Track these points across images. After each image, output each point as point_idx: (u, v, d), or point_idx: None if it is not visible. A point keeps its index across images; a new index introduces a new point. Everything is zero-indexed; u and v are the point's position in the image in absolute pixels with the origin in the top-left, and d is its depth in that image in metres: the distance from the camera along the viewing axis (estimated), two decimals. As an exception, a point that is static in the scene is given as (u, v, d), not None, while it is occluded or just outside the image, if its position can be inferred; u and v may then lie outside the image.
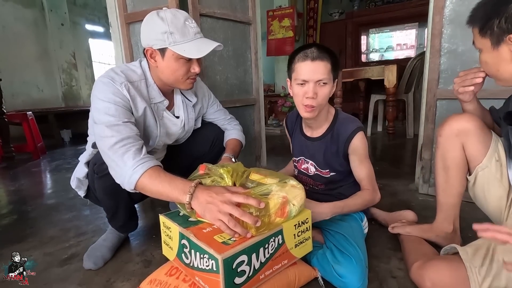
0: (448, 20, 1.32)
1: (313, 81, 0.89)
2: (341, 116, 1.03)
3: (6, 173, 2.52)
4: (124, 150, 0.81)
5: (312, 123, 1.03)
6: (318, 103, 0.91)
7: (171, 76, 0.97)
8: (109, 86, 0.89)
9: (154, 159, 0.84)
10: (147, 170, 0.79)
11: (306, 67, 0.89)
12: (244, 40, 1.79)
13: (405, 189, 1.59)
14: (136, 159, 0.80)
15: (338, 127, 1.00)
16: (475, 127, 0.84)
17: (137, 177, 0.78)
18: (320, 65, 0.89)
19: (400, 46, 4.33)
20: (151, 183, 0.79)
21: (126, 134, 0.84)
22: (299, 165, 1.11)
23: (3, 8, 4.18)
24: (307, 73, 0.89)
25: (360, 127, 0.98)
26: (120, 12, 1.60)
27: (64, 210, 1.56)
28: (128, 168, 0.79)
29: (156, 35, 0.90)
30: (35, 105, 4.49)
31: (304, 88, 0.91)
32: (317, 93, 0.90)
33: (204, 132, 1.26)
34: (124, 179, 0.80)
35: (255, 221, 0.66)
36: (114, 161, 0.82)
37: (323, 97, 0.92)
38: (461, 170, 0.90)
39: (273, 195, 0.74)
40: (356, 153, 0.98)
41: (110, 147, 0.82)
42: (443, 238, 0.98)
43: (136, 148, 0.83)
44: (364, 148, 0.99)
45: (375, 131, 3.42)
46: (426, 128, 1.44)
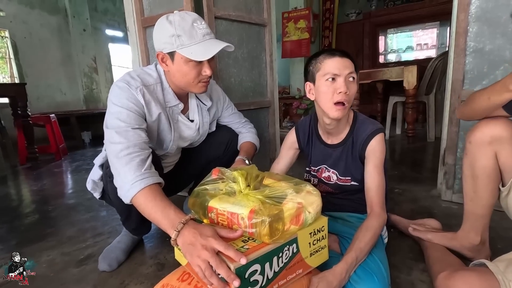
0: (474, 18, 1.25)
1: (344, 74, 0.86)
2: (360, 118, 0.98)
3: (30, 173, 2.62)
4: (128, 159, 0.80)
5: (333, 129, 0.97)
6: (349, 100, 0.88)
7: (182, 79, 0.96)
8: (124, 90, 0.90)
9: (155, 175, 0.82)
10: (144, 188, 0.77)
11: (336, 62, 0.86)
12: (259, 42, 1.78)
13: (427, 195, 1.52)
14: (136, 173, 0.79)
15: (358, 130, 0.96)
16: (511, 134, 0.77)
17: (133, 194, 0.77)
18: (347, 61, 0.87)
19: (421, 46, 4.18)
20: (145, 204, 0.77)
21: (133, 141, 0.84)
22: (319, 174, 1.06)
23: (30, 15, 4.40)
24: (338, 67, 0.85)
25: (380, 129, 0.93)
26: (137, 17, 1.63)
27: (82, 210, 1.60)
28: (127, 181, 0.78)
29: (165, 39, 0.90)
30: (58, 107, 4.69)
31: (334, 84, 0.86)
32: (348, 88, 0.86)
33: (218, 135, 1.25)
34: (121, 191, 0.80)
35: (227, 277, 0.59)
36: (116, 169, 0.82)
37: (353, 93, 0.88)
38: (493, 180, 0.83)
39: (287, 201, 0.72)
40: (372, 156, 0.92)
41: (116, 154, 0.82)
42: (469, 249, 0.92)
43: (140, 159, 0.82)
44: (381, 152, 0.92)
45: (393, 133, 3.31)
46: (450, 132, 1.37)
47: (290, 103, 4.10)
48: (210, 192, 0.79)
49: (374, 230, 0.83)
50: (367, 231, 0.82)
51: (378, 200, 0.88)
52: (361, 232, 0.82)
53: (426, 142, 2.81)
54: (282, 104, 4.16)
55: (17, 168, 2.79)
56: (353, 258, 0.76)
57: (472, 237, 0.91)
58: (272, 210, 0.69)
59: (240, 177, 0.79)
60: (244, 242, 0.68)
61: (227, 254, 0.61)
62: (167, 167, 1.23)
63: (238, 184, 0.78)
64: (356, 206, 1.03)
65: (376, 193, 0.89)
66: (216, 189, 0.81)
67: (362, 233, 0.82)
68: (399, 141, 3.06)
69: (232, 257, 0.61)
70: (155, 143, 1.06)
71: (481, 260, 0.72)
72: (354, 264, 0.77)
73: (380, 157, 0.92)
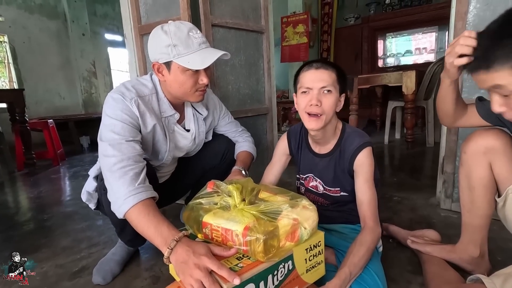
0: (471, 26, 1.24)
1: (317, 88, 0.87)
2: (348, 130, 0.97)
3: (27, 179, 2.61)
4: (121, 173, 0.79)
5: (319, 139, 0.97)
6: (323, 111, 0.87)
7: (179, 89, 0.95)
8: (118, 102, 0.89)
9: (149, 189, 0.81)
10: (137, 203, 0.76)
11: (309, 75, 0.88)
12: (256, 49, 1.78)
13: (426, 203, 1.51)
14: (129, 187, 0.77)
15: (345, 142, 0.95)
16: (504, 145, 0.77)
17: (126, 209, 0.76)
18: (323, 73, 0.87)
19: (419, 50, 4.19)
20: (138, 219, 0.75)
21: (127, 154, 0.82)
22: (306, 183, 1.05)
23: (29, 20, 4.40)
24: (311, 80, 0.87)
25: (368, 142, 0.91)
26: (134, 24, 1.63)
27: (78, 219, 1.58)
28: (120, 196, 0.77)
29: (160, 49, 0.90)
30: (57, 112, 4.68)
31: (308, 96, 0.88)
32: (321, 100, 0.87)
33: (215, 144, 1.24)
34: (114, 206, 0.79)
35: None
36: (110, 184, 0.81)
37: (328, 106, 0.87)
38: (489, 191, 0.82)
39: (283, 216, 0.71)
40: (361, 171, 0.91)
41: (109, 168, 0.80)
42: (468, 262, 0.91)
43: (134, 172, 0.81)
44: (370, 165, 0.90)
45: (393, 138, 3.30)
46: (448, 140, 1.36)
47: (289, 108, 4.10)
48: (204, 207, 0.78)
49: (368, 245, 0.82)
50: (361, 245, 0.81)
51: (371, 214, 0.87)
52: (355, 246, 0.81)
53: (425, 147, 2.80)
54: (281, 108, 4.15)
55: (14, 174, 2.77)
56: (347, 273, 0.75)
57: (471, 250, 0.90)
58: (267, 226, 0.67)
59: (235, 191, 0.78)
60: (238, 259, 0.67)
61: (220, 274, 0.60)
62: (163, 176, 1.22)
63: (233, 199, 0.77)
64: (348, 217, 1.02)
65: (368, 207, 0.88)
66: (210, 203, 0.80)
67: (356, 248, 0.81)
68: (398, 146, 3.05)
69: (225, 277, 0.60)
70: (150, 154, 1.04)
71: (477, 275, 0.71)
72: (348, 280, 0.76)
73: (369, 170, 0.90)
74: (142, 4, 1.60)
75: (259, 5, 1.76)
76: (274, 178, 1.09)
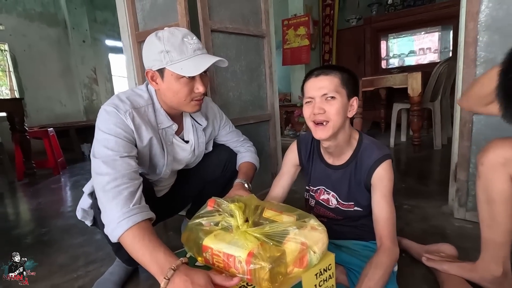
0: (484, 27, 1.18)
1: (318, 96, 0.83)
2: (366, 141, 0.91)
3: (27, 190, 2.57)
4: (115, 192, 0.74)
5: (332, 150, 0.91)
6: (328, 118, 0.82)
7: (173, 98, 0.90)
8: (111, 115, 0.84)
9: (144, 210, 0.76)
10: (131, 227, 0.70)
11: (310, 84, 0.85)
12: (257, 54, 1.72)
13: (438, 212, 1.44)
14: (123, 209, 0.72)
15: (362, 154, 0.89)
16: None
17: (119, 233, 0.70)
18: (324, 80, 0.83)
19: (423, 51, 4.11)
20: (132, 245, 0.70)
21: (121, 171, 0.77)
22: (317, 195, 0.99)
23: (29, 28, 4.39)
24: (312, 89, 0.85)
25: (387, 155, 0.86)
26: (131, 31, 1.59)
27: (76, 233, 1.53)
28: (113, 219, 0.71)
29: (154, 56, 0.85)
30: (58, 119, 4.66)
31: (311, 105, 0.85)
32: (324, 108, 0.82)
33: (215, 155, 1.18)
34: (107, 229, 0.73)
35: None
36: (102, 204, 0.75)
37: (334, 112, 0.82)
38: (510, 205, 0.76)
39: (289, 239, 0.65)
40: (380, 185, 0.85)
41: (102, 187, 0.75)
42: (490, 281, 0.84)
43: (129, 191, 0.75)
44: (389, 180, 0.85)
45: (398, 141, 3.22)
46: (461, 146, 1.29)
47: (291, 111, 4.05)
48: (204, 228, 0.73)
49: (385, 268, 0.75)
50: (376, 268, 0.75)
51: (388, 233, 0.81)
52: (371, 269, 0.75)
53: (433, 150, 2.72)
54: (284, 112, 4.10)
55: (14, 185, 2.74)
56: None
57: (493, 268, 0.83)
58: (273, 252, 0.62)
59: (238, 210, 0.72)
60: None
61: None
62: (162, 190, 1.17)
63: (235, 219, 0.71)
64: (360, 233, 0.96)
65: (385, 226, 0.82)
66: (211, 224, 0.75)
67: (371, 270, 0.74)
68: (404, 149, 2.98)
69: None
70: (148, 168, 0.99)
71: None
72: None
73: (388, 185, 0.85)
74: (139, 10, 1.56)
75: (259, 9, 1.71)
76: (282, 191, 1.03)
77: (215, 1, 1.45)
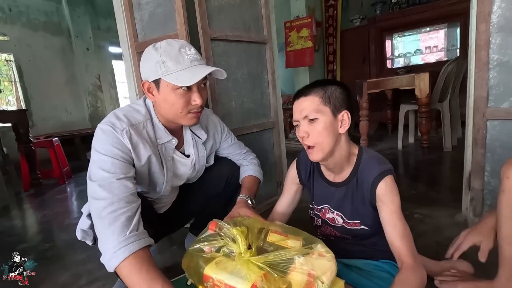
0: (496, 28, 1.12)
1: (301, 118, 0.81)
2: (365, 156, 0.85)
3: (33, 200, 2.57)
4: (111, 218, 0.70)
5: (332, 166, 0.87)
6: (314, 142, 0.79)
7: (169, 110, 0.87)
8: (107, 135, 0.81)
9: (142, 236, 0.72)
10: (128, 257, 0.67)
11: (295, 107, 0.83)
12: (259, 61, 1.68)
13: (451, 222, 1.37)
14: (119, 237, 0.68)
15: (363, 170, 0.84)
16: None
17: (115, 264, 0.67)
18: (304, 101, 0.80)
19: (430, 49, 4.02)
20: (129, 277, 0.67)
21: (118, 195, 0.74)
22: (322, 214, 0.94)
23: (33, 38, 4.44)
24: (295, 112, 0.83)
25: (387, 171, 0.80)
26: (131, 42, 1.56)
27: (79, 248, 1.51)
28: (109, 248, 0.68)
29: (150, 67, 0.83)
30: (64, 127, 4.69)
31: (298, 129, 0.82)
32: (307, 131, 0.79)
33: (217, 170, 1.15)
34: (103, 258, 0.70)
35: None
36: (99, 232, 0.72)
37: (316, 135, 0.79)
38: None
39: (295, 269, 0.61)
40: (386, 201, 0.79)
41: (98, 213, 0.72)
42: (511, 302, 0.78)
43: (126, 217, 0.72)
44: (395, 195, 0.79)
45: (406, 143, 3.14)
46: (475, 153, 1.23)
47: (296, 114, 3.99)
48: (205, 256, 0.69)
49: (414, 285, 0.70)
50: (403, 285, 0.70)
51: (407, 250, 0.75)
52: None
53: (443, 153, 2.64)
54: (288, 115, 4.05)
55: (20, 196, 2.74)
56: None
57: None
58: (278, 284, 0.57)
59: (240, 236, 0.68)
60: (245, 325, 0.57)
61: None
62: (164, 206, 1.14)
63: (238, 245, 0.67)
64: (370, 252, 0.91)
65: (402, 243, 0.76)
66: (212, 250, 0.71)
67: None
68: (413, 152, 2.90)
69: None
70: (147, 186, 0.96)
71: None
72: None
73: (396, 200, 0.79)
74: (138, 21, 1.54)
75: (260, 14, 1.67)
76: (283, 209, 0.99)
77: (215, 9, 1.42)
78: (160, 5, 1.44)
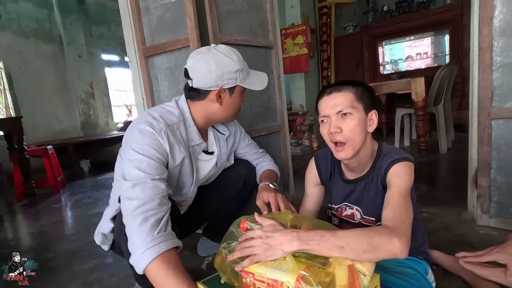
0: (498, 32, 1.18)
1: (333, 114, 0.80)
2: (385, 149, 0.87)
3: (27, 211, 2.48)
4: (141, 218, 0.70)
5: (354, 166, 0.88)
6: (347, 138, 0.79)
7: (232, 111, 0.96)
8: (145, 135, 0.81)
9: (170, 238, 0.72)
10: (156, 258, 0.67)
11: (323, 102, 0.83)
12: (266, 65, 1.71)
13: (459, 219, 1.41)
14: (147, 238, 0.68)
15: (381, 161, 0.84)
16: None
17: (143, 265, 0.67)
18: (336, 96, 0.80)
19: (420, 55, 4.17)
20: (157, 280, 0.67)
21: (151, 195, 0.74)
22: (339, 213, 0.95)
23: (24, 45, 4.34)
24: (325, 107, 0.82)
25: (407, 158, 0.80)
26: (138, 46, 1.56)
27: (85, 257, 1.46)
28: (137, 250, 0.68)
29: (229, 75, 0.88)
30: (55, 136, 4.57)
31: (327, 124, 0.82)
32: (340, 126, 0.79)
33: (234, 170, 1.15)
34: (132, 260, 0.70)
35: None
36: (129, 232, 0.72)
37: (351, 130, 0.79)
38: None
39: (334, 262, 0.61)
40: (394, 180, 0.75)
41: (130, 212, 0.72)
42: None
43: (155, 218, 0.71)
44: (407, 175, 0.75)
45: (402, 146, 3.22)
46: (481, 152, 1.28)
47: (293, 119, 4.03)
48: (241, 254, 0.68)
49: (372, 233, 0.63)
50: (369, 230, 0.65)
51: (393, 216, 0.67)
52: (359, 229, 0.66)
53: (439, 154, 2.72)
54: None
55: (13, 206, 2.64)
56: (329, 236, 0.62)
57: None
58: (322, 276, 0.57)
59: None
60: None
61: None
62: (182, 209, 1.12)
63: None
64: None
65: (391, 210, 0.69)
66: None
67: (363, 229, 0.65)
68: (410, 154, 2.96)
69: None
70: (173, 189, 0.95)
71: None
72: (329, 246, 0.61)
73: (406, 180, 0.74)
74: (146, 25, 1.53)
75: (266, 19, 1.71)
76: (311, 213, 0.99)
77: (224, 14, 1.44)
78: (169, 10, 1.45)
